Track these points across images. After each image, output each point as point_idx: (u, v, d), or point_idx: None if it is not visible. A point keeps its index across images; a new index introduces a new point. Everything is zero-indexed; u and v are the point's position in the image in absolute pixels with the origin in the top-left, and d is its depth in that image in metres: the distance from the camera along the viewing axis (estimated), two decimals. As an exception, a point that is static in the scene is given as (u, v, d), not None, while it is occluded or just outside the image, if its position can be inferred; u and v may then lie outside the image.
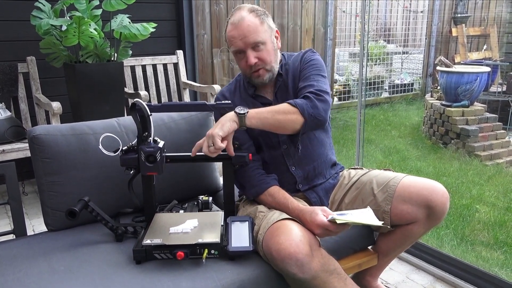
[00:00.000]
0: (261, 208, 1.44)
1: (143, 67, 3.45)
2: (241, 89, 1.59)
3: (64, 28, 2.55)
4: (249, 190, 1.49)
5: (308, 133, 1.51)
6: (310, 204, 1.52)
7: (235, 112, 1.33)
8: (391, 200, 1.45)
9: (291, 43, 4.71)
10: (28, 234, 1.57)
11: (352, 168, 1.68)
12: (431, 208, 1.40)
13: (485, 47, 5.70)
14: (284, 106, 1.38)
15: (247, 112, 1.33)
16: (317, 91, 1.41)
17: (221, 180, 1.72)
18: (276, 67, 1.51)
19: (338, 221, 1.24)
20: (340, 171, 1.66)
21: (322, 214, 1.30)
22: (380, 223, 1.27)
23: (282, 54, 1.59)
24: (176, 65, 3.60)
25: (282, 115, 1.36)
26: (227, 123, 1.31)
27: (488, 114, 4.20)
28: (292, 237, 1.22)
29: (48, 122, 2.92)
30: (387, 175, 1.53)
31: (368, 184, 1.53)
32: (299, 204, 1.39)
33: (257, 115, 1.34)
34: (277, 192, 1.44)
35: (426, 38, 6.61)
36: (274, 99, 1.53)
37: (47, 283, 1.19)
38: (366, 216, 1.30)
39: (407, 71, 6.80)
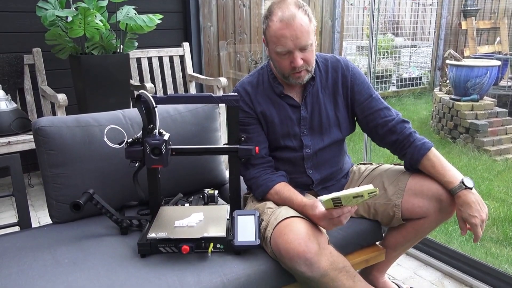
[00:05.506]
0: (269, 204, 1.41)
1: (149, 59, 3.43)
2: (265, 85, 1.49)
3: (69, 19, 2.54)
4: (256, 191, 1.46)
5: (333, 140, 1.50)
6: None
7: None
8: (402, 194, 1.43)
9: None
10: (34, 226, 1.56)
11: (361, 164, 1.66)
12: (442, 202, 1.38)
13: (498, 39, 5.60)
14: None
15: None
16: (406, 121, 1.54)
17: (227, 174, 1.70)
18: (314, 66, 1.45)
19: (322, 200, 1.18)
20: (350, 168, 1.64)
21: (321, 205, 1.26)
22: (370, 186, 1.16)
23: None
24: (182, 58, 3.58)
25: None
26: None
27: (497, 109, 4.14)
28: (301, 236, 1.20)
29: (54, 114, 2.91)
30: (398, 169, 1.51)
31: (379, 178, 1.51)
32: (302, 199, 1.36)
33: None
34: (282, 189, 1.41)
35: (435, 31, 6.52)
36: (303, 104, 1.47)
37: (51, 275, 1.19)
38: (354, 189, 1.19)
39: (415, 64, 6.72)
